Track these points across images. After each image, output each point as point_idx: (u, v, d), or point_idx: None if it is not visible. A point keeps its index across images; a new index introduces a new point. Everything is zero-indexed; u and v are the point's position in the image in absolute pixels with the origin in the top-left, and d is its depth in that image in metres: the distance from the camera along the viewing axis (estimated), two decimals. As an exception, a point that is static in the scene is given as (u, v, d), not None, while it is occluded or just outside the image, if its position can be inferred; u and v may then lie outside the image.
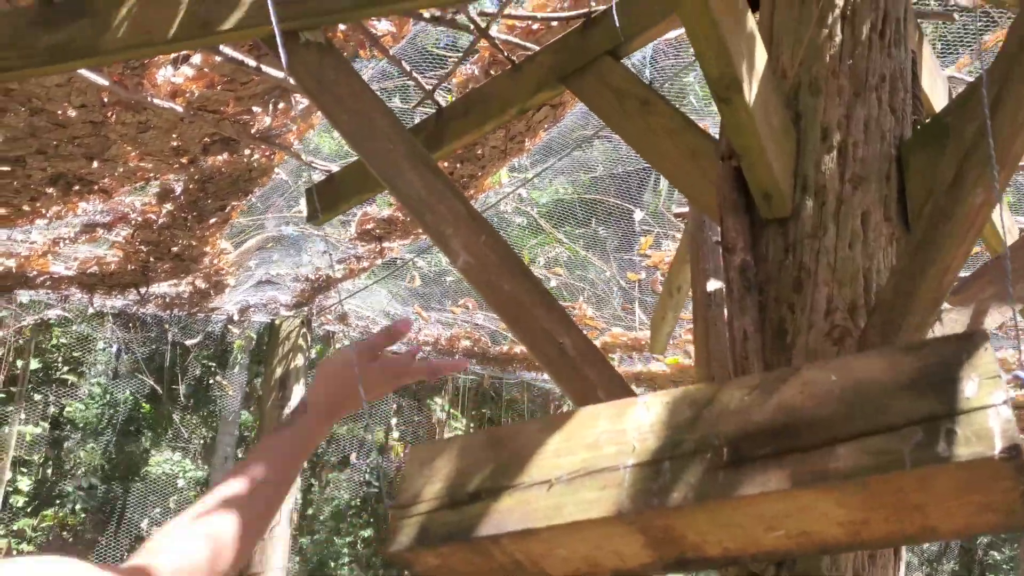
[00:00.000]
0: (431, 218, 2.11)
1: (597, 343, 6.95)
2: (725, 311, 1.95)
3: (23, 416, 11.01)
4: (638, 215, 6.79)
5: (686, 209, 4.27)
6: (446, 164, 4.46)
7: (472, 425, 14.10)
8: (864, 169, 1.85)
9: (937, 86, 2.66)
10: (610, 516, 0.94)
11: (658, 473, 0.94)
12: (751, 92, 1.76)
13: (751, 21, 1.79)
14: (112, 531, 11.23)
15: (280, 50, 1.79)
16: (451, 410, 13.36)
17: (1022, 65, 1.25)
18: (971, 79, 3.71)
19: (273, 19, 1.91)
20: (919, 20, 2.59)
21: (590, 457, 0.98)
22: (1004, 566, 14.02)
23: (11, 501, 11.42)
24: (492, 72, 3.63)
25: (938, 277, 1.44)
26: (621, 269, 6.32)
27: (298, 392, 7.64)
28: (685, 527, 0.94)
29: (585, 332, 6.72)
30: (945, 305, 2.01)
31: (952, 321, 2.08)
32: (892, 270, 1.64)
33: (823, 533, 0.92)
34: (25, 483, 11.74)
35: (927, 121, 1.94)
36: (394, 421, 13.82)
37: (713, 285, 2.49)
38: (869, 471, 0.85)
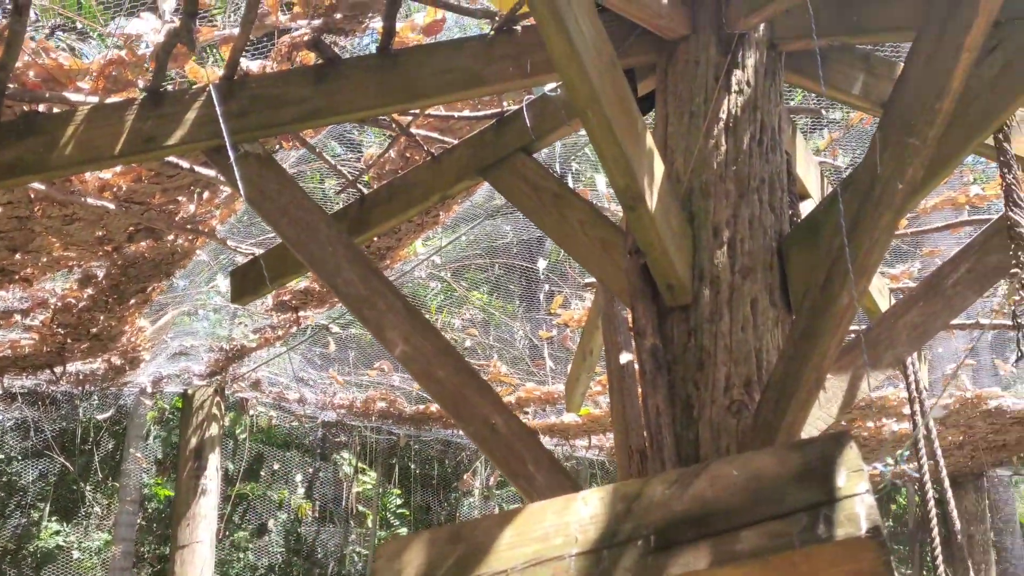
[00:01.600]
0: (370, 313, 2.29)
1: (512, 399, 7.17)
2: (639, 388, 2.19)
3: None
4: (541, 263, 7.09)
5: (594, 279, 4.54)
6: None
7: (383, 478, 14.04)
8: (751, 261, 2.13)
9: (810, 172, 3.00)
10: (562, 598, 1.14)
11: (599, 560, 1.15)
12: (652, 200, 2.02)
13: (650, 139, 2.06)
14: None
15: (234, 168, 1.96)
16: (359, 465, 13.29)
17: (872, 199, 1.54)
18: (836, 162, 4.15)
19: (226, 136, 2.09)
20: (792, 116, 2.94)
21: (540, 548, 1.19)
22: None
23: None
24: (408, 155, 3.85)
25: (818, 362, 1.71)
26: (532, 327, 6.58)
27: (213, 461, 7.58)
28: (623, 602, 1.15)
29: (499, 388, 6.85)
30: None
31: (833, 388, 2.38)
32: (780, 353, 1.91)
33: (733, 600, 1.15)
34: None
35: (801, 220, 2.24)
36: (299, 478, 13.66)
37: (625, 358, 2.74)
38: (768, 551, 1.08)
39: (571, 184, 5.98)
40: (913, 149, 1.43)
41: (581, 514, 1.21)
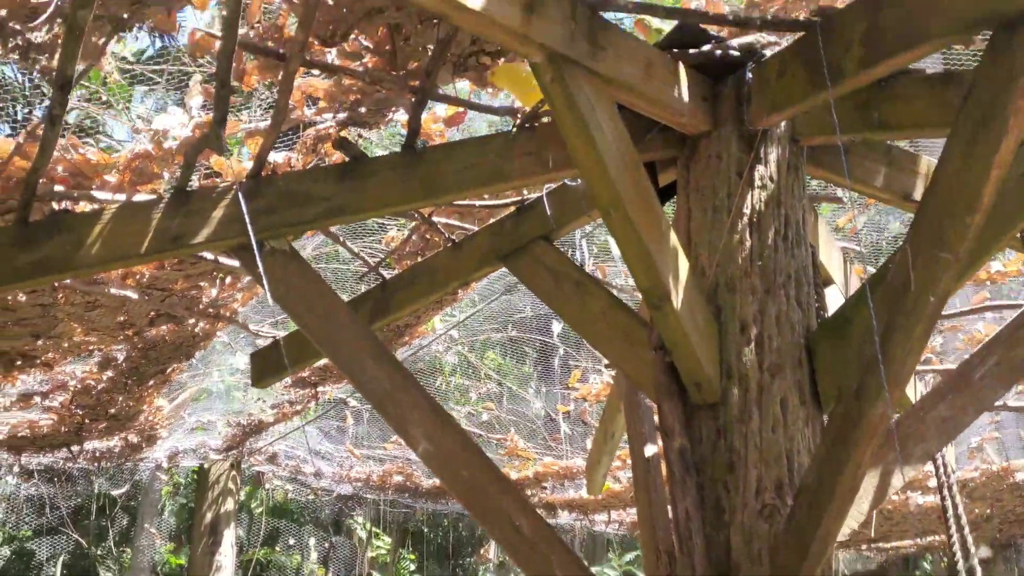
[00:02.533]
0: (394, 409, 2.27)
1: (530, 474, 7.09)
2: (666, 489, 2.15)
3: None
4: (556, 327, 7.06)
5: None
6: (383, 318, 4.64)
7: (397, 543, 13.83)
8: (779, 358, 2.11)
9: (833, 256, 2.99)
10: None
11: None
12: (678, 299, 2.01)
13: (674, 237, 2.06)
14: None
15: (260, 271, 1.97)
16: (373, 529, 13.12)
17: (904, 310, 1.52)
18: (857, 247, 4.14)
19: (252, 237, 2.10)
20: (813, 204, 2.95)
21: None
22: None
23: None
24: (428, 237, 3.87)
25: (853, 470, 1.68)
26: (549, 402, 6.53)
27: (228, 537, 7.50)
28: None
29: (518, 463, 6.75)
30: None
31: (864, 484, 2.33)
32: (813, 457, 1.87)
33: None
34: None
35: (829, 316, 2.23)
36: (312, 541, 13.48)
37: (650, 450, 2.69)
38: None
39: (588, 261, 5.99)
40: (945, 263, 1.42)
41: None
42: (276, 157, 2.84)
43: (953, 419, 2.41)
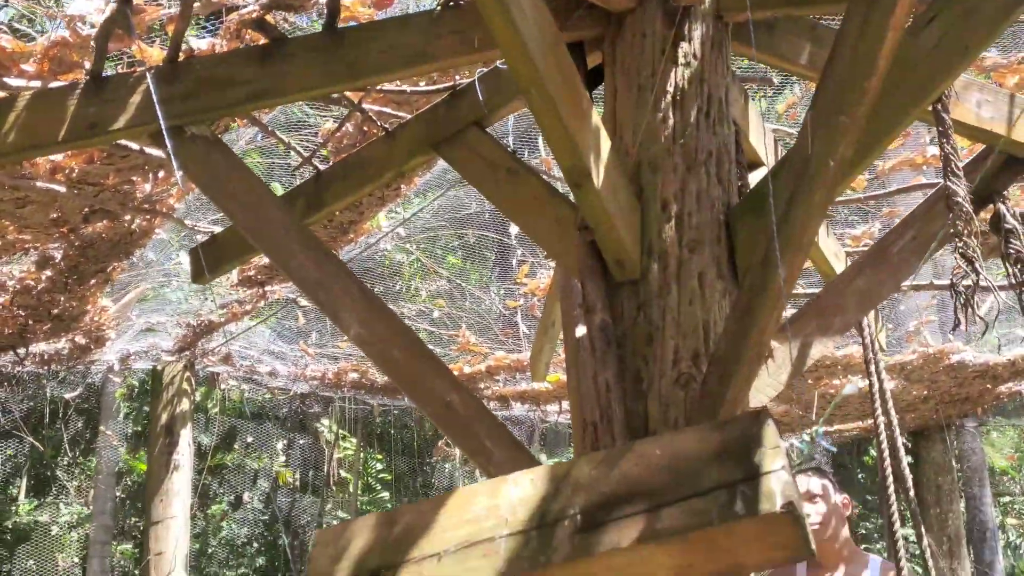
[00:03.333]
0: (325, 297, 2.30)
1: (482, 367, 7.21)
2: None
3: None
4: (514, 228, 7.09)
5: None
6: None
7: (362, 445, 14.10)
8: (699, 235, 2.15)
9: (764, 140, 3.02)
10: (495, 580, 1.17)
11: (528, 541, 1.18)
12: (599, 177, 2.03)
13: (596, 116, 2.07)
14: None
15: (171, 153, 1.95)
16: (340, 431, 13.35)
17: (805, 177, 1.56)
18: (792, 129, 4.17)
19: (162, 120, 2.07)
20: (744, 85, 2.95)
21: (473, 531, 1.22)
22: (875, 535, 15.01)
23: None
24: (366, 129, 3.83)
25: (757, 338, 1.74)
26: (503, 296, 6.60)
27: (185, 437, 7.57)
28: (556, 582, 1.18)
29: (470, 358, 6.85)
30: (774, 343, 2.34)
31: (783, 355, 2.43)
32: (724, 329, 1.94)
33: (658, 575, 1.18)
34: None
35: (747, 193, 2.27)
36: (280, 445, 13.70)
37: (580, 331, 2.75)
38: (689, 528, 1.12)
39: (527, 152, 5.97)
40: (843, 128, 1.45)
41: (511, 496, 1.24)
42: (200, 44, 2.77)
43: (871, 292, 2.50)
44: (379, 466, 15.07)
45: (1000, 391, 8.72)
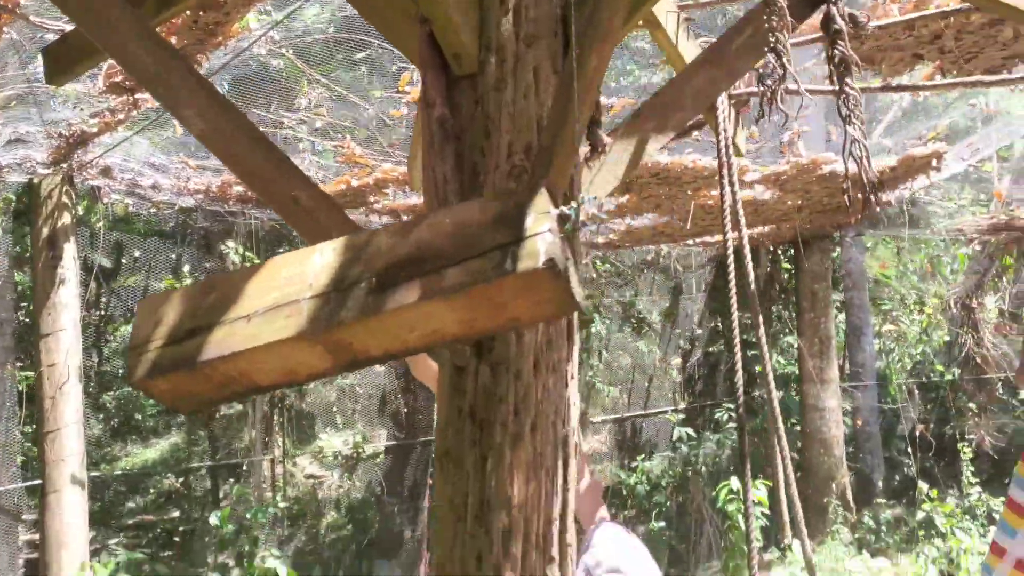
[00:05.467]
0: (164, 91, 2.27)
1: (370, 180, 7.21)
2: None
3: None
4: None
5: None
6: (188, 13, 4.43)
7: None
8: (535, 29, 2.20)
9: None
10: (295, 336, 1.29)
11: (327, 302, 1.29)
12: (434, -33, 2.03)
13: (430, -95, 2.04)
14: None
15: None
16: (246, 252, 13.27)
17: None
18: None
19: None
20: None
21: (279, 295, 1.32)
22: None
23: None
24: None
25: (572, 125, 1.84)
26: (384, 107, 6.51)
27: (69, 250, 7.43)
28: (351, 338, 1.31)
29: (356, 170, 6.81)
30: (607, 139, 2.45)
31: (620, 151, 2.55)
32: (548, 119, 2.03)
33: (446, 330, 1.32)
34: None
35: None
36: (187, 268, 13.59)
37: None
38: (468, 285, 1.24)
39: None
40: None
41: (316, 264, 1.34)
42: None
43: (707, 90, 2.61)
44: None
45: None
